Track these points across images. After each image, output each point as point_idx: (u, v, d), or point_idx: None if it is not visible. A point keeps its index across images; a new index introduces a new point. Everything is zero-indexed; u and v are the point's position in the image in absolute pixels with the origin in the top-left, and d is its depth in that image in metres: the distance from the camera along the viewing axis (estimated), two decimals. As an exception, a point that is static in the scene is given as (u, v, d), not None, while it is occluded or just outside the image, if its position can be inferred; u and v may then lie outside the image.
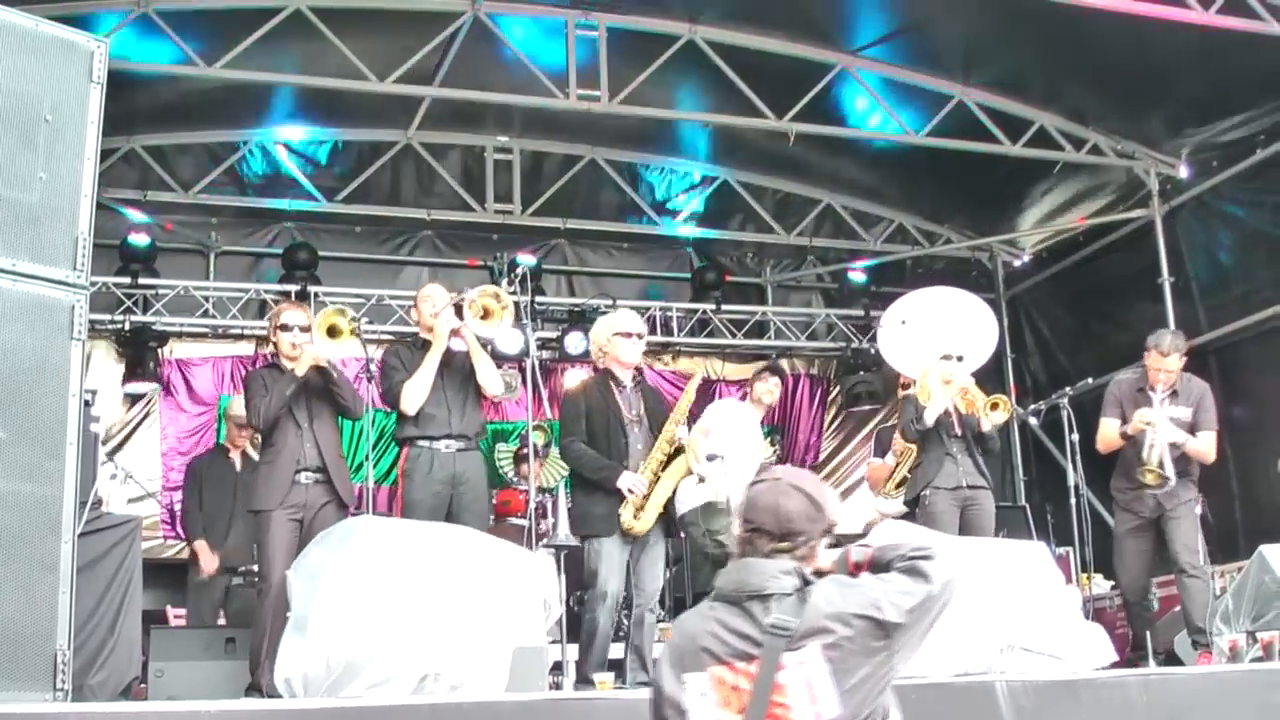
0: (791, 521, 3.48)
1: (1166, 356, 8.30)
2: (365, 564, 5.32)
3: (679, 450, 7.61)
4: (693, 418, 7.95)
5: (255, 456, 8.70)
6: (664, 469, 7.55)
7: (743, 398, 9.99)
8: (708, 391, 14.05)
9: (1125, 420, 8.40)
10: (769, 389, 9.33)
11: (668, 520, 7.69)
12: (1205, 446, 8.34)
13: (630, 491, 7.40)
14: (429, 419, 7.59)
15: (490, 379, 7.78)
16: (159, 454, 12.10)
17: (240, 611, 9.01)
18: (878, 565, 3.55)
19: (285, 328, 7.57)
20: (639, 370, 8.06)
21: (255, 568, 8.08)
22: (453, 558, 5.60)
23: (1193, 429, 8.33)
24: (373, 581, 5.25)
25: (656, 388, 9.01)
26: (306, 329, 7.56)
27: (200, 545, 9.51)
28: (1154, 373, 8.33)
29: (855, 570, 3.55)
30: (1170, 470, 8.15)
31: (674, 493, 7.62)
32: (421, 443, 7.58)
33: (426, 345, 7.73)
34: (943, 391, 8.45)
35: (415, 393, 7.55)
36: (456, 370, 7.74)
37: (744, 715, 3.31)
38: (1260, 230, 11.01)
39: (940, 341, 8.82)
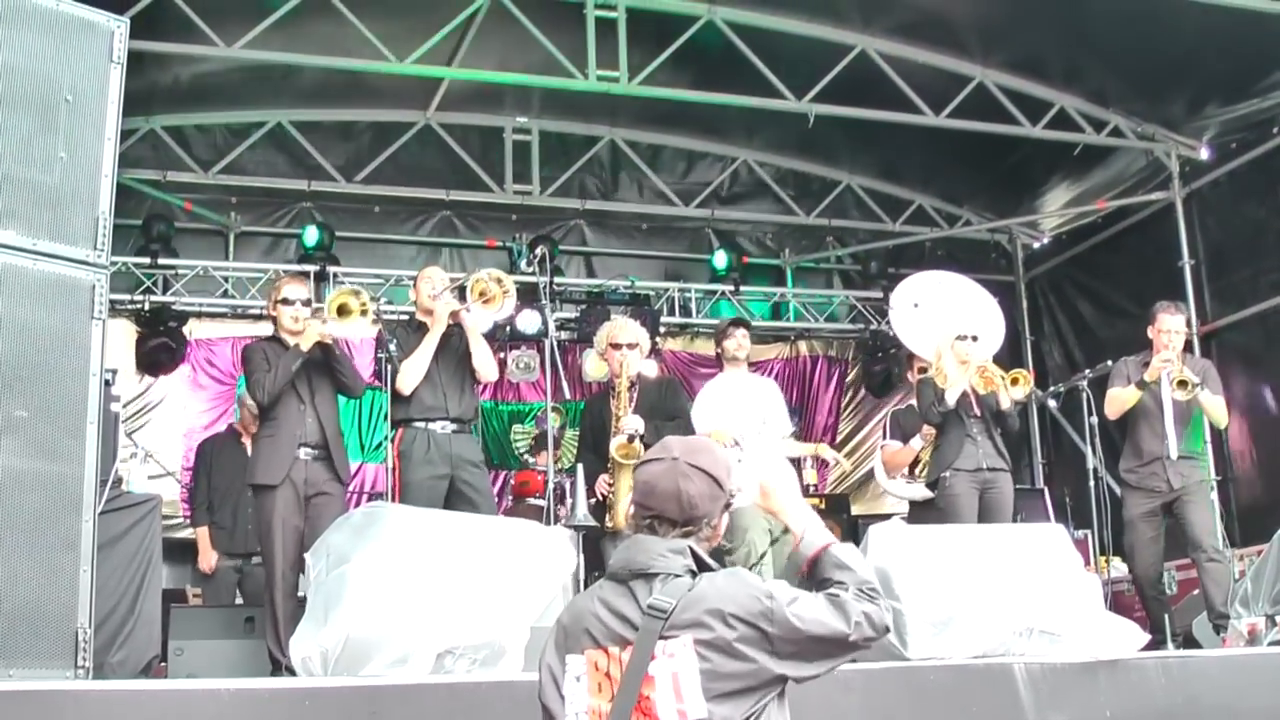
0: (695, 507, 3.25)
1: (1174, 316, 8.35)
2: (387, 546, 5.33)
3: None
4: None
5: None
6: (625, 457, 7.66)
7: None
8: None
9: None
10: (738, 343, 8.77)
11: None
12: (1218, 405, 8.38)
13: (602, 496, 7.72)
14: (424, 401, 7.54)
15: (485, 364, 7.72)
16: (180, 433, 12.15)
17: (257, 592, 8.93)
18: (816, 568, 3.32)
19: (286, 301, 7.43)
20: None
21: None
22: (473, 538, 5.61)
23: None
24: (393, 562, 5.26)
25: (671, 378, 9.11)
26: (308, 303, 7.48)
27: (202, 534, 9.40)
28: (1162, 337, 8.34)
29: (808, 568, 3.32)
30: (1197, 378, 8.17)
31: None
32: (417, 424, 7.52)
33: (423, 327, 7.67)
34: (960, 372, 8.41)
35: (412, 372, 7.49)
36: (452, 353, 7.66)
37: (613, 705, 3.09)
38: (1281, 213, 10.95)
39: (955, 322, 8.78)
